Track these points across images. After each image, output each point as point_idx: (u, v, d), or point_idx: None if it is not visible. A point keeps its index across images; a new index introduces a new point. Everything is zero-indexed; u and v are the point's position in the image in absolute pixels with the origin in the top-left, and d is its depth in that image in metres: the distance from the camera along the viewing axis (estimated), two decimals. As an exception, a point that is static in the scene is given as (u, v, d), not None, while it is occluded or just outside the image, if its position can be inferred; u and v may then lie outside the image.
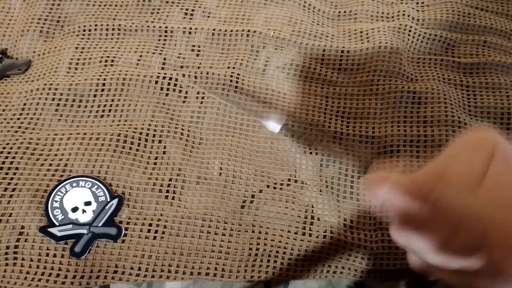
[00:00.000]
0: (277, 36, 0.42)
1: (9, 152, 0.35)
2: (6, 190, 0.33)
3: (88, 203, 0.32)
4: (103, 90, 0.38)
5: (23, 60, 0.41)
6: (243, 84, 0.39)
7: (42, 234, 0.31)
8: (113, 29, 0.42)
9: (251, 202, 0.34)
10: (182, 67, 0.41)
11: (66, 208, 0.32)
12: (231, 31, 0.42)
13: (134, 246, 0.32)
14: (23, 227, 0.32)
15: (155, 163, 0.35)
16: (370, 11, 0.46)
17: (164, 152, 0.36)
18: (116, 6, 0.45)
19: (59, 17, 0.44)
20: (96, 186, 0.33)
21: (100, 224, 0.32)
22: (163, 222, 0.33)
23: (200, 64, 0.41)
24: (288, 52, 0.42)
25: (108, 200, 0.33)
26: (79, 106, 0.38)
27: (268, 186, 0.35)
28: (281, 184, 0.35)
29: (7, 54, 0.42)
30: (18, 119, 0.37)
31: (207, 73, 0.40)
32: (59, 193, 0.33)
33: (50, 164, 0.34)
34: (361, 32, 0.44)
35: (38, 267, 0.31)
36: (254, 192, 0.35)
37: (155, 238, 0.32)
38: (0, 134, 0.36)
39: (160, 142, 0.36)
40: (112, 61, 0.41)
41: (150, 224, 0.32)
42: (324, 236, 0.33)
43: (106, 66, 0.40)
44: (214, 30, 0.42)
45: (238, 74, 0.40)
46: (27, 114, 0.37)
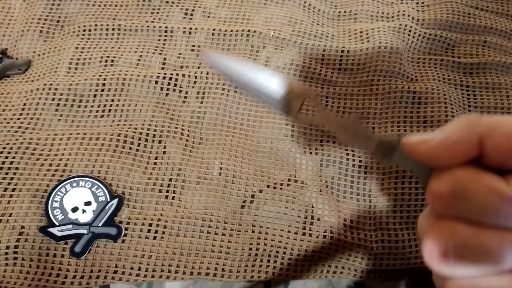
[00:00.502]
0: (277, 36, 0.42)
1: (9, 152, 0.35)
2: (6, 190, 0.33)
3: (88, 203, 0.32)
4: (103, 90, 0.38)
5: (23, 60, 0.41)
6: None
7: (42, 234, 0.31)
8: (113, 29, 0.42)
9: (251, 202, 0.34)
10: (182, 67, 0.41)
11: (66, 208, 0.32)
12: (231, 31, 0.42)
13: (134, 246, 0.32)
14: (23, 227, 0.32)
15: (155, 163, 0.35)
16: (370, 11, 0.46)
17: (164, 152, 0.36)
18: (116, 6, 0.45)
19: (59, 17, 0.44)
20: (96, 186, 0.33)
21: (100, 224, 0.32)
22: (163, 222, 0.33)
23: (200, 64, 0.41)
24: (288, 52, 0.42)
25: (108, 200, 0.33)
26: (79, 106, 0.38)
27: (268, 186, 0.35)
28: (281, 184, 0.35)
29: (7, 54, 0.42)
30: (18, 119, 0.37)
31: (207, 73, 0.40)
32: (59, 193, 0.33)
33: (50, 164, 0.34)
34: (361, 32, 0.44)
35: (38, 267, 0.31)
36: (254, 192, 0.35)
37: (155, 238, 0.32)
38: (0, 134, 0.36)
39: (160, 142, 0.36)
40: (112, 61, 0.41)
41: (150, 224, 0.32)
42: (324, 236, 0.33)
43: (106, 66, 0.40)
44: (214, 30, 0.42)
45: (238, 74, 0.40)
46: (27, 114, 0.37)
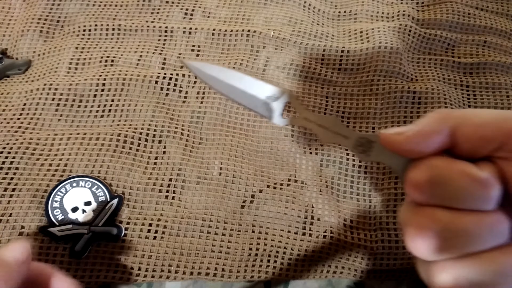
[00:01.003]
0: (277, 36, 0.42)
1: (9, 152, 0.35)
2: (6, 190, 0.33)
3: (88, 203, 0.32)
4: (103, 90, 0.38)
5: (23, 60, 0.41)
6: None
7: (42, 234, 0.31)
8: (113, 29, 0.42)
9: (251, 202, 0.34)
10: (182, 67, 0.41)
11: (66, 208, 0.32)
12: (231, 31, 0.42)
13: (134, 246, 0.32)
14: (23, 227, 0.32)
15: (155, 163, 0.35)
16: (370, 11, 0.46)
17: (164, 152, 0.36)
18: (116, 6, 0.45)
19: (59, 17, 0.44)
20: (96, 186, 0.33)
21: (100, 224, 0.32)
22: (163, 222, 0.33)
23: (200, 64, 0.41)
24: (288, 52, 0.42)
25: (108, 200, 0.33)
26: (79, 106, 0.38)
27: (268, 186, 0.35)
28: (281, 184, 0.35)
29: (7, 54, 0.42)
30: (18, 119, 0.37)
31: (207, 73, 0.40)
32: (59, 193, 0.33)
33: (50, 164, 0.34)
34: (361, 32, 0.44)
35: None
36: (254, 192, 0.35)
37: (155, 238, 0.32)
38: (0, 134, 0.36)
39: (160, 142, 0.36)
40: (112, 61, 0.41)
41: (150, 224, 0.32)
42: (324, 236, 0.33)
43: (106, 66, 0.40)
44: (214, 30, 0.42)
45: (238, 74, 0.40)
46: (27, 114, 0.37)
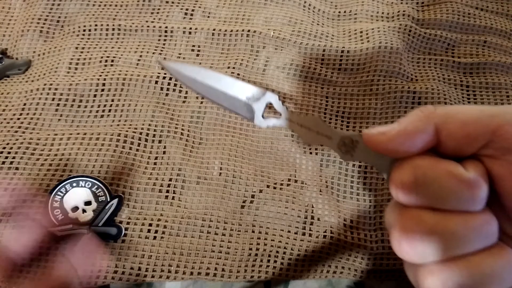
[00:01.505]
0: (277, 36, 0.42)
1: (9, 152, 0.35)
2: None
3: (88, 203, 0.32)
4: (103, 90, 0.38)
5: (23, 60, 0.41)
6: (243, 84, 0.39)
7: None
8: (113, 29, 0.42)
9: (251, 202, 0.34)
10: (182, 67, 0.41)
11: (66, 208, 0.32)
12: (231, 31, 0.42)
13: (134, 246, 0.32)
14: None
15: (155, 163, 0.35)
16: (370, 11, 0.46)
17: (164, 152, 0.36)
18: (116, 6, 0.45)
19: (59, 17, 0.44)
20: (96, 186, 0.33)
21: (100, 224, 0.32)
22: (163, 222, 0.33)
23: (200, 64, 0.41)
24: (288, 52, 0.42)
25: (108, 200, 0.33)
26: (79, 106, 0.38)
27: (268, 186, 0.35)
28: (281, 184, 0.35)
29: (7, 54, 0.42)
30: (18, 119, 0.37)
31: (207, 73, 0.40)
32: (59, 193, 0.33)
33: (50, 164, 0.34)
34: (361, 32, 0.44)
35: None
36: (254, 192, 0.35)
37: (155, 238, 0.32)
38: (0, 134, 0.36)
39: (160, 142, 0.36)
40: (112, 61, 0.41)
41: (150, 224, 0.32)
42: (324, 236, 0.33)
43: (106, 66, 0.40)
44: (214, 30, 0.42)
45: (238, 74, 0.40)
46: (27, 114, 0.37)
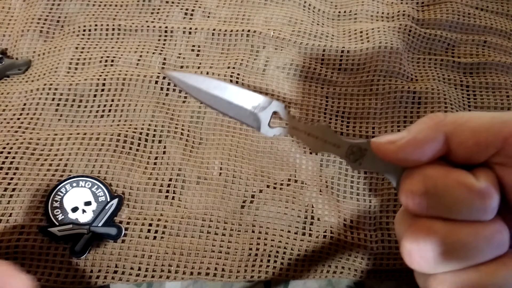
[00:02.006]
0: (277, 36, 0.42)
1: (9, 152, 0.35)
2: (6, 190, 0.33)
3: (88, 203, 0.32)
4: (103, 90, 0.38)
5: (23, 60, 0.41)
6: (243, 84, 0.39)
7: (42, 234, 0.31)
8: (113, 29, 0.42)
9: (251, 202, 0.34)
10: (182, 67, 0.41)
11: (66, 208, 0.32)
12: (231, 31, 0.42)
13: (134, 246, 0.32)
14: (23, 227, 0.32)
15: (155, 163, 0.35)
16: (370, 11, 0.46)
17: (164, 152, 0.36)
18: (116, 6, 0.45)
19: (59, 17, 0.44)
20: (96, 186, 0.33)
21: (100, 224, 0.32)
22: (163, 222, 0.33)
23: (200, 64, 0.41)
24: (288, 52, 0.42)
25: (108, 200, 0.33)
26: (79, 106, 0.38)
27: (268, 186, 0.35)
28: (281, 184, 0.35)
29: (7, 54, 0.42)
30: (18, 119, 0.37)
31: (207, 73, 0.40)
32: (59, 193, 0.33)
33: (50, 164, 0.34)
34: (361, 32, 0.44)
35: (38, 267, 0.31)
36: (254, 192, 0.35)
37: (155, 238, 0.32)
38: (0, 134, 0.36)
39: (160, 142, 0.36)
40: (112, 61, 0.41)
41: (150, 224, 0.32)
42: (324, 236, 0.33)
43: (106, 66, 0.40)
44: (214, 30, 0.42)
45: (238, 74, 0.40)
46: (27, 114, 0.37)
